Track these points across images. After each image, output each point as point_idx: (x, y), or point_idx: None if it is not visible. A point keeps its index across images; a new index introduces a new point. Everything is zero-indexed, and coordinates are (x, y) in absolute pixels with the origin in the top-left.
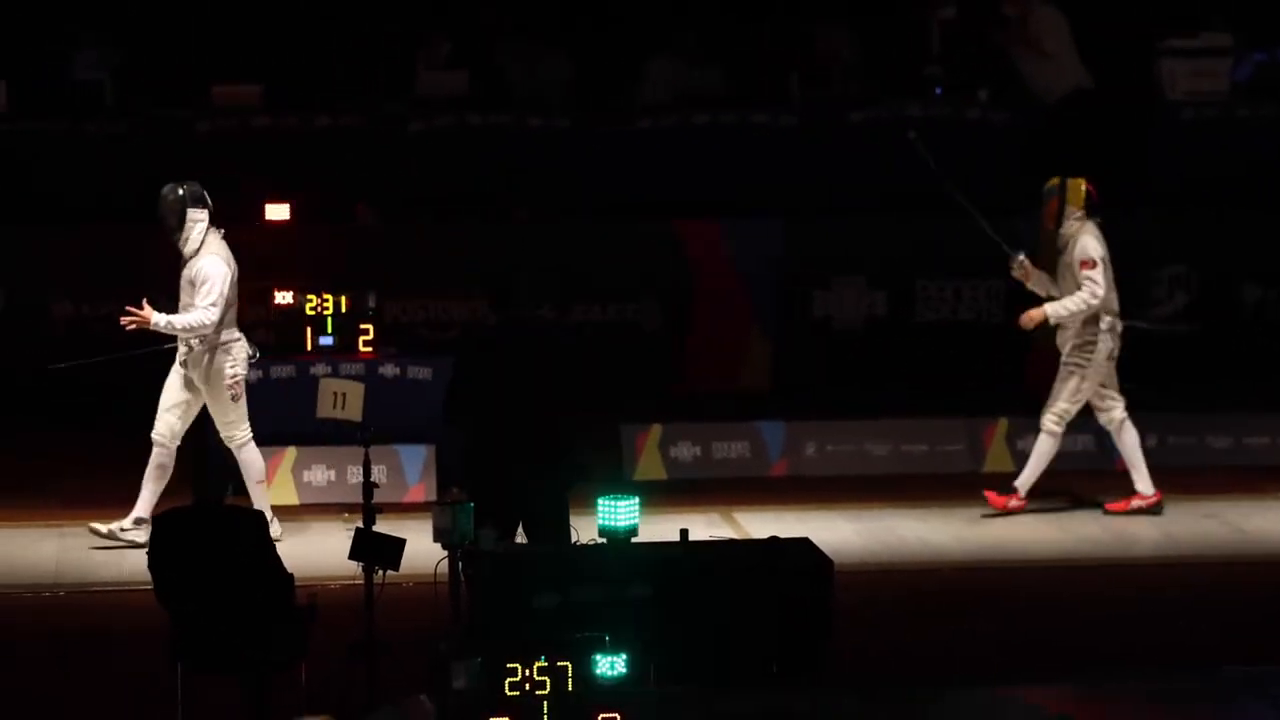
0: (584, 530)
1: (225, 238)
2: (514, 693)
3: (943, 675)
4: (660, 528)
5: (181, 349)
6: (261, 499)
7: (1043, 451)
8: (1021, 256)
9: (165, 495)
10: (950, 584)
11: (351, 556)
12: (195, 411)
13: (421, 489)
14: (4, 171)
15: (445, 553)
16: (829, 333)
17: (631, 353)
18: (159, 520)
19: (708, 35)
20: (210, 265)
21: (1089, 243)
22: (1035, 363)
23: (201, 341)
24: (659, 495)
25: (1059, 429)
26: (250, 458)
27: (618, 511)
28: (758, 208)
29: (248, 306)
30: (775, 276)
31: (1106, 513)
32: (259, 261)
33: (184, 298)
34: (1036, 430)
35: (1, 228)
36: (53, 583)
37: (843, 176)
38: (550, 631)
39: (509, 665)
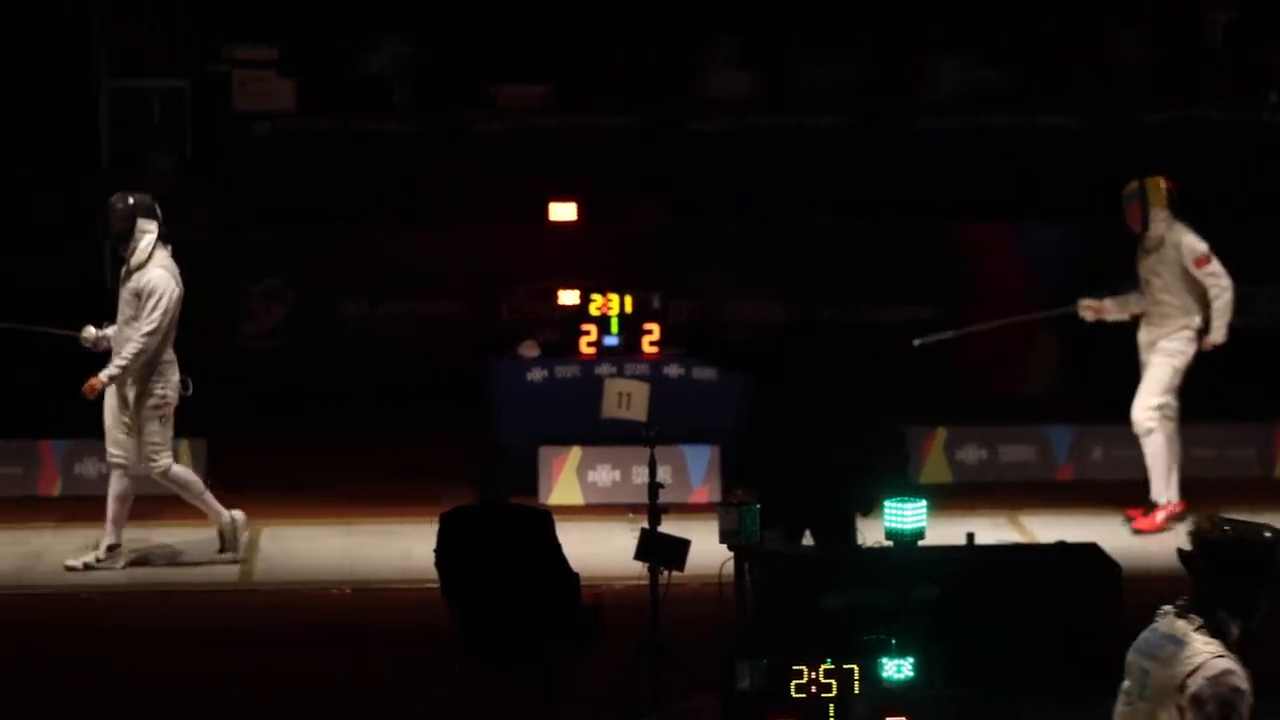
0: (870, 533)
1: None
2: (799, 694)
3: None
4: (946, 531)
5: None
6: (211, 508)
7: (1156, 452)
8: (1083, 301)
9: (452, 493)
10: None
11: (637, 557)
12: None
13: (706, 490)
14: (292, 170)
15: (731, 553)
16: (1113, 336)
17: (916, 354)
18: (447, 519)
19: (995, 35)
20: (160, 279)
21: (1192, 240)
22: None
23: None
24: (945, 498)
25: (1170, 423)
26: (183, 477)
27: (905, 514)
28: (1045, 210)
29: (530, 305)
30: (1061, 279)
31: (1135, 531)
32: (543, 261)
33: (125, 310)
34: None
35: (290, 227)
36: (340, 579)
37: (1131, 179)
38: (836, 633)
39: (794, 667)
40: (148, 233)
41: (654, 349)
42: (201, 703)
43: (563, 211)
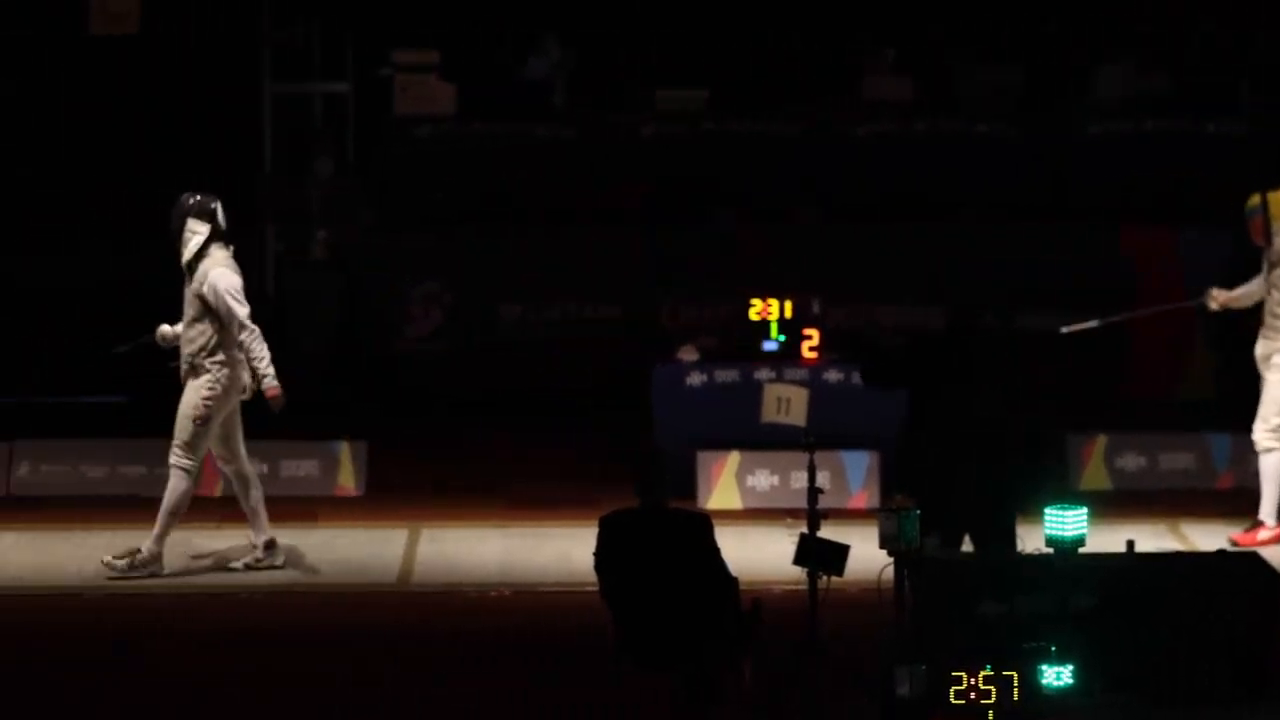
0: (1030, 540)
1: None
2: (958, 701)
3: None
4: (1106, 538)
5: (183, 366)
6: (162, 528)
7: (1271, 472)
8: (1211, 291)
9: (611, 496)
10: None
11: (796, 562)
12: (233, 420)
13: (865, 495)
14: (453, 174)
15: (890, 559)
16: None
17: (1074, 359)
18: (606, 522)
19: (1157, 41)
20: (219, 277)
21: None
22: None
23: (208, 355)
24: (1104, 505)
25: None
26: (176, 485)
27: (1065, 522)
28: (1206, 215)
29: (690, 310)
30: (1221, 284)
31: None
32: (703, 265)
33: (188, 311)
34: None
35: (450, 229)
36: (499, 582)
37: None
38: (995, 640)
39: (953, 673)
40: (197, 234)
41: (813, 354)
42: (367, 701)
43: (723, 216)
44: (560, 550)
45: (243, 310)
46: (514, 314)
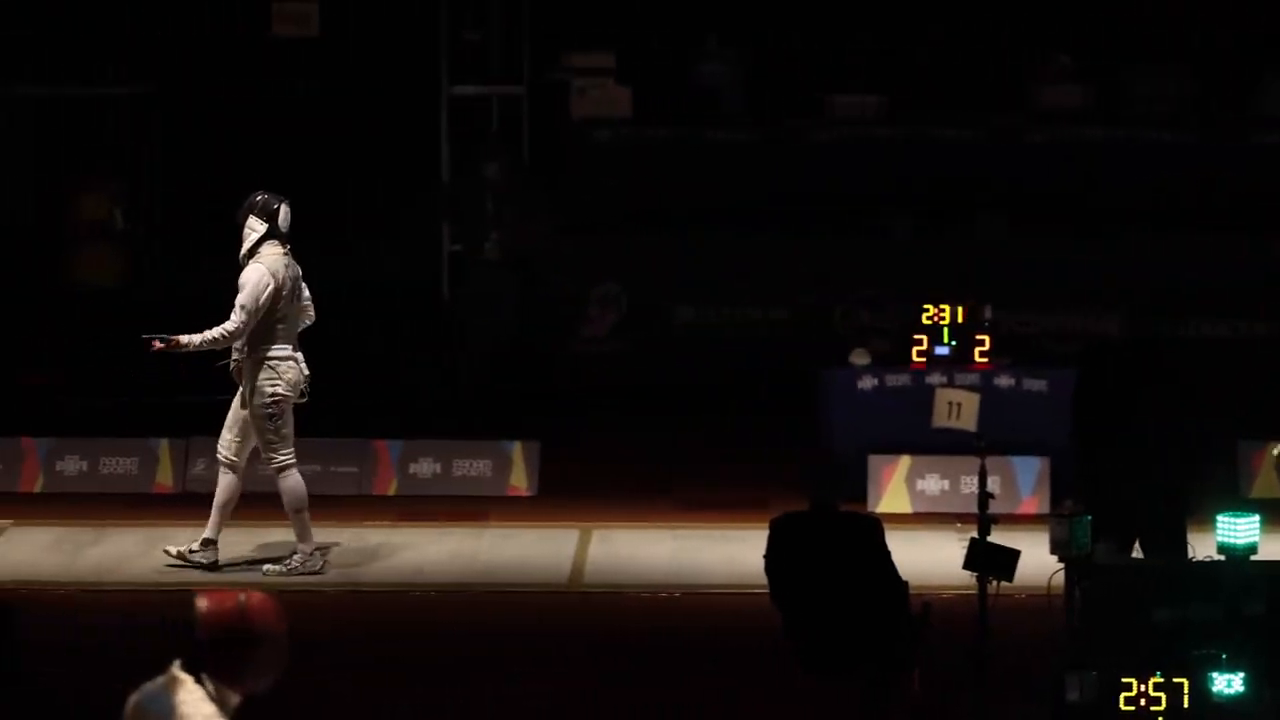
0: (1201, 547)
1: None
2: (1128, 708)
3: None
4: (1277, 546)
5: (231, 362)
6: (302, 530)
7: None
8: None
9: (782, 499)
10: None
11: (966, 566)
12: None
13: (1035, 501)
14: (628, 176)
15: (1060, 565)
16: None
17: (1248, 367)
18: (777, 524)
19: None
20: (251, 271)
21: None
22: None
23: (243, 352)
24: (1276, 513)
25: None
26: (289, 485)
27: (1237, 529)
28: None
29: (862, 314)
30: None
31: None
32: (875, 270)
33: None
34: None
35: (624, 232)
36: (669, 583)
37: None
38: (1166, 647)
39: (1123, 680)
40: (254, 231)
41: (985, 359)
42: (532, 700)
43: (895, 220)
44: (730, 552)
45: (242, 309)
46: (687, 315)
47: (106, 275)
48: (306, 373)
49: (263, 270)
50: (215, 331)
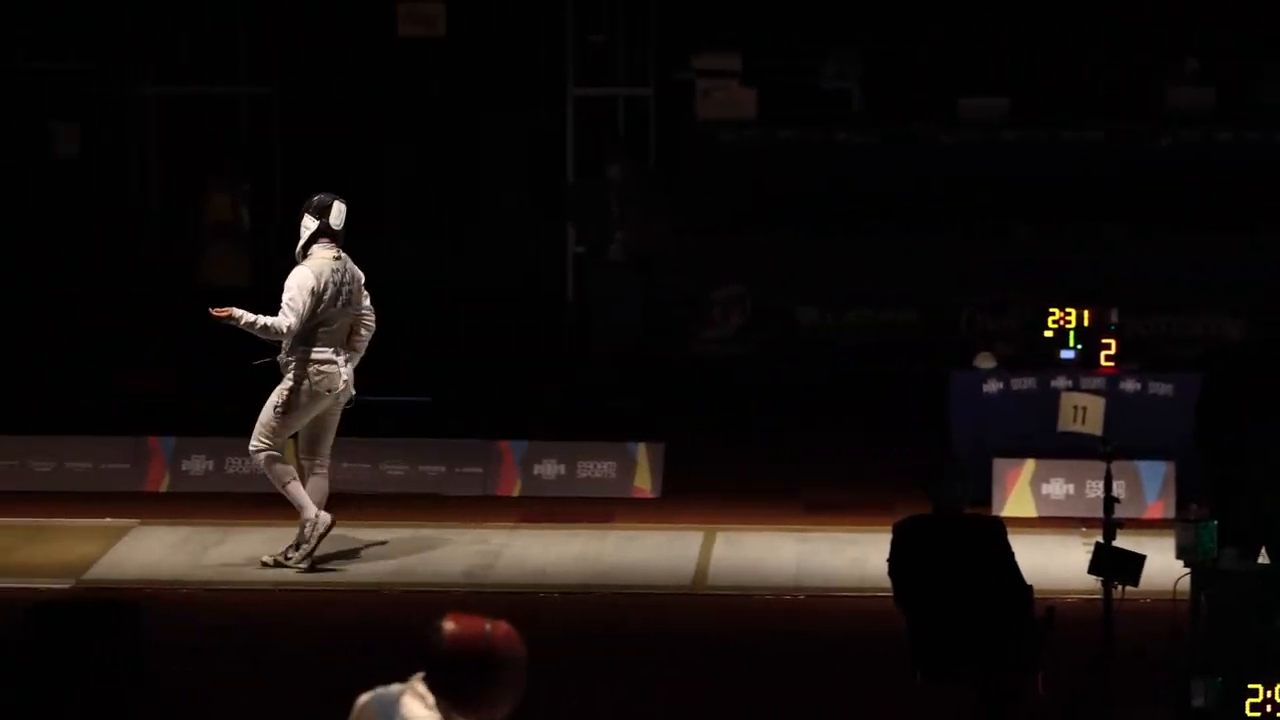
0: None
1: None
2: (1254, 714)
3: None
4: None
5: (275, 359)
6: (293, 494)
7: None
8: None
9: (907, 501)
10: None
11: (1091, 570)
12: (324, 423)
13: (1160, 505)
14: (753, 178)
15: (1186, 570)
16: None
17: None
18: (900, 527)
19: None
20: (296, 273)
21: None
22: None
23: (289, 352)
24: None
25: None
26: (272, 471)
27: None
28: None
29: (987, 317)
30: None
31: None
32: (1000, 273)
33: None
34: None
35: (749, 233)
36: (793, 586)
37: None
38: None
39: (1249, 685)
40: (306, 229)
41: (1111, 363)
42: (652, 702)
43: (1021, 223)
44: (855, 555)
45: (290, 311)
46: (811, 317)
47: (234, 275)
48: (347, 378)
49: (306, 273)
50: (268, 320)
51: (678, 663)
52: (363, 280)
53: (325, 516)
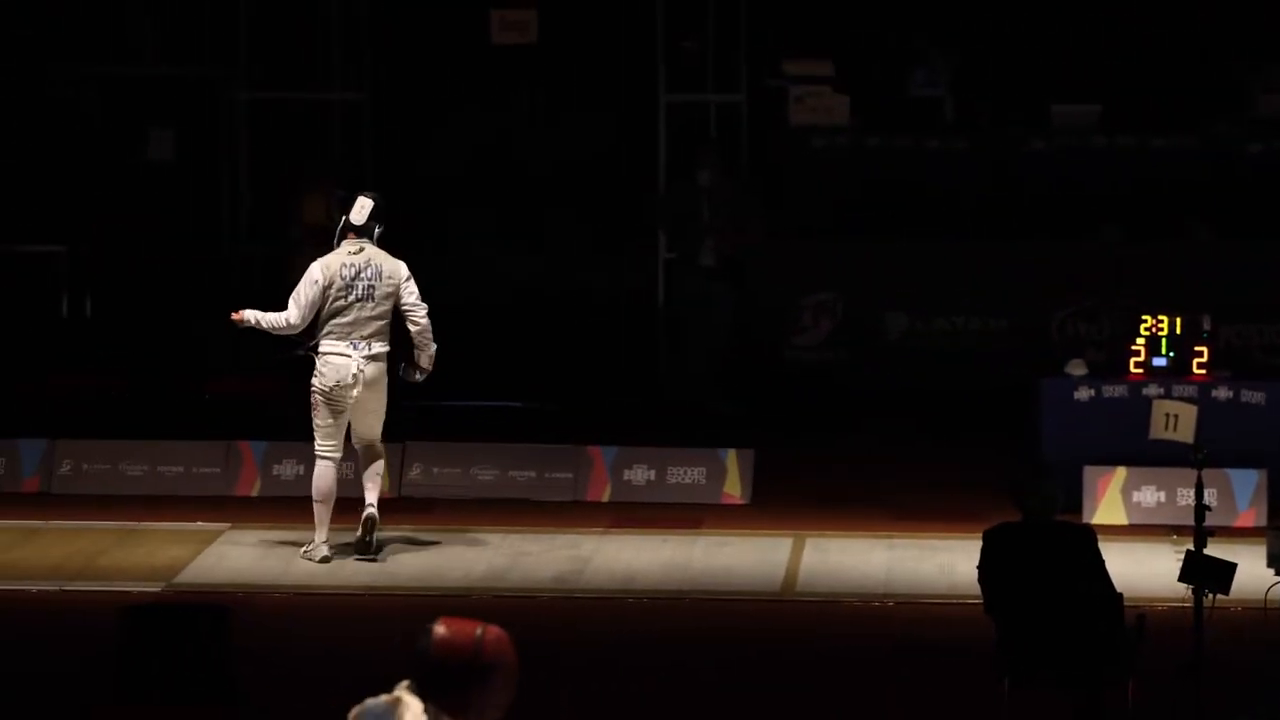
0: None
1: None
2: None
3: None
4: None
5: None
6: (319, 520)
7: None
8: None
9: (997, 508)
10: None
11: (1182, 579)
12: (361, 406)
13: (1252, 514)
14: (845, 184)
15: (1277, 578)
16: None
17: None
18: (990, 535)
19: None
20: (313, 263)
21: None
22: None
23: (309, 345)
24: None
25: None
26: (315, 472)
27: None
28: None
29: (1079, 324)
30: None
31: None
32: (1092, 280)
33: None
34: None
35: (840, 240)
36: (882, 593)
37: None
38: None
39: None
40: (338, 225)
41: (1203, 371)
42: (733, 708)
43: (1112, 230)
44: (943, 562)
45: (293, 303)
46: (901, 324)
47: None
48: (357, 370)
49: (314, 266)
50: (272, 316)
51: (766, 668)
52: (402, 276)
53: (322, 550)
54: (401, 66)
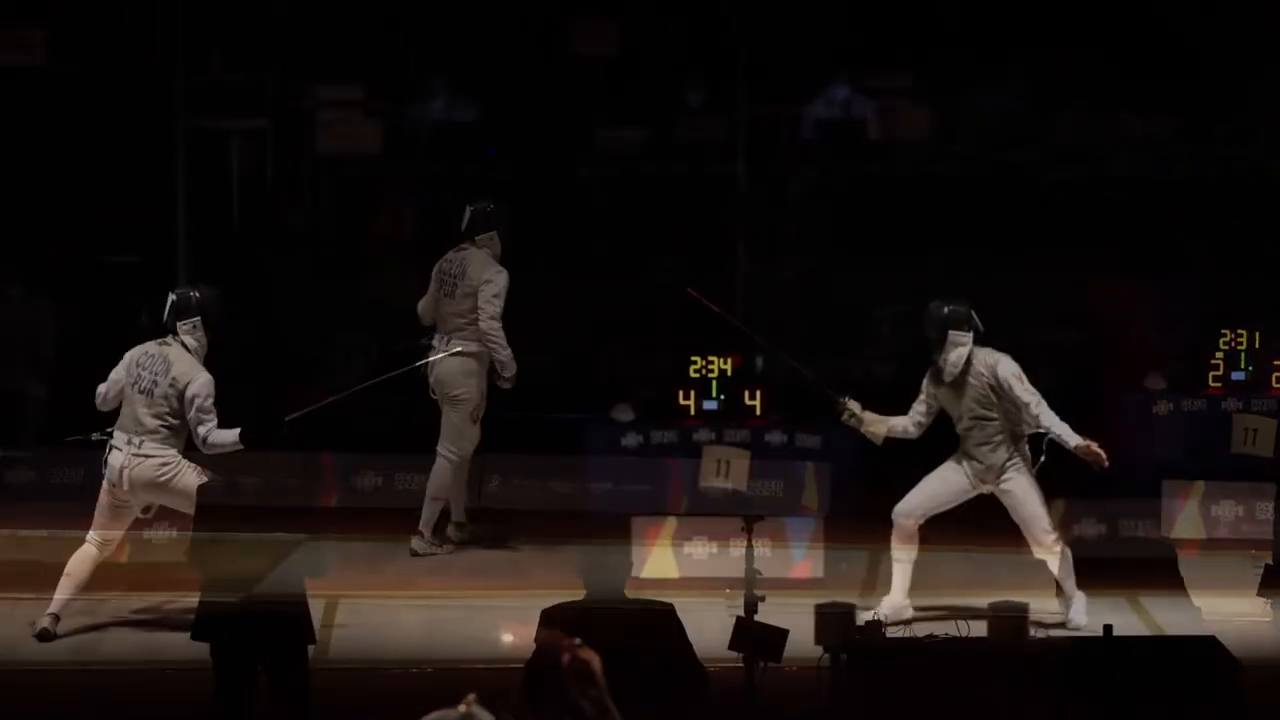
0: None
1: None
2: None
3: None
4: None
5: None
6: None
7: None
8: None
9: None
10: None
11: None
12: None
13: None
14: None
15: None
16: None
17: None
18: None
19: None
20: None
21: None
22: None
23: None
24: None
25: None
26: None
27: None
28: None
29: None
30: None
31: None
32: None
33: None
34: None
35: (915, 251)
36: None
37: None
38: None
39: None
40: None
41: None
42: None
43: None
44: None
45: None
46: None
47: (398, 291)
48: (435, 360)
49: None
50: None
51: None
52: (478, 281)
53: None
54: (476, 77)
